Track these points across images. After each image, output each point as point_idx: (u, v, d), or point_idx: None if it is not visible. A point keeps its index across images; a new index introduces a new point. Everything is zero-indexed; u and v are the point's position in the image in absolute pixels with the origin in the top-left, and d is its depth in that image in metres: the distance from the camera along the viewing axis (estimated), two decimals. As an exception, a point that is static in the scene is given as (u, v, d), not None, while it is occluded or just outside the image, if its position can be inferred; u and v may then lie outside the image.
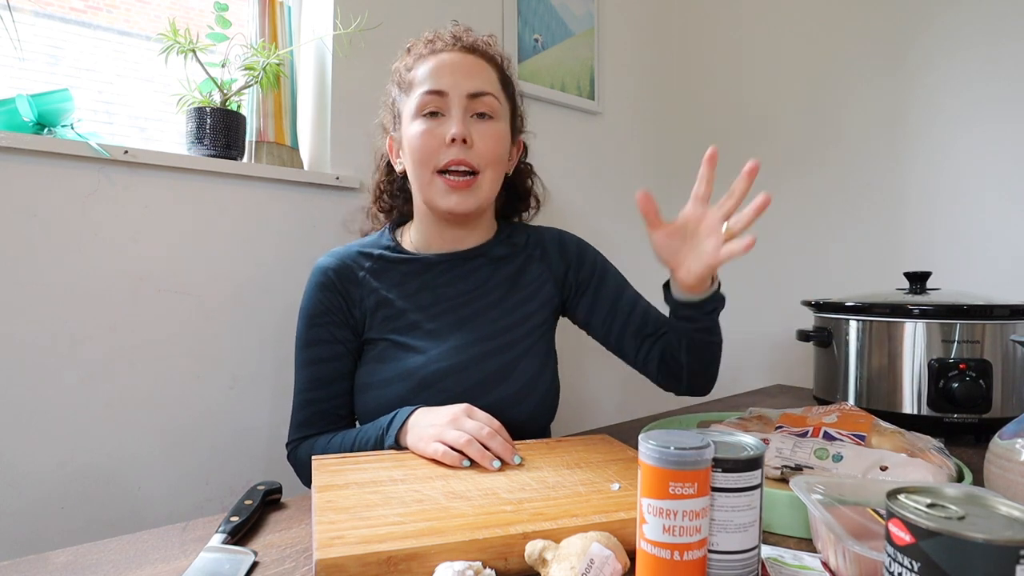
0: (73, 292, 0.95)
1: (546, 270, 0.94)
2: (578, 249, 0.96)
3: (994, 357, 0.95)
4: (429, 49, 0.87)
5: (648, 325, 0.91)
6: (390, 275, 0.89)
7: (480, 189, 0.84)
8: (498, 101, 0.86)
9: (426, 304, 0.87)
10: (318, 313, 0.87)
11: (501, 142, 0.85)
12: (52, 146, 0.91)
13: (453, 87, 0.82)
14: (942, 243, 1.39)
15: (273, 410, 1.14)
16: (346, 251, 0.91)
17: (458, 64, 0.84)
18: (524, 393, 0.86)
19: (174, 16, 1.10)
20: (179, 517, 0.99)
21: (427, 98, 0.82)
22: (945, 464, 0.65)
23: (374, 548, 0.47)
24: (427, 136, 0.82)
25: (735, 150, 1.77)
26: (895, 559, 0.36)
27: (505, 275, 0.91)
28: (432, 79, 0.83)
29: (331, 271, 0.88)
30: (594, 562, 0.46)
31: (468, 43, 0.87)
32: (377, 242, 0.92)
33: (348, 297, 0.87)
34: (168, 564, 0.53)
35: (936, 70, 1.40)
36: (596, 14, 1.71)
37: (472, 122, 0.83)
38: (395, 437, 0.76)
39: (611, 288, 0.94)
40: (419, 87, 0.84)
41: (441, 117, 0.83)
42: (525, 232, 0.97)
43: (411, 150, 0.84)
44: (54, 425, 0.93)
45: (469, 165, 0.82)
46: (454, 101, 0.82)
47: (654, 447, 0.42)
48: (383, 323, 0.87)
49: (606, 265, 0.96)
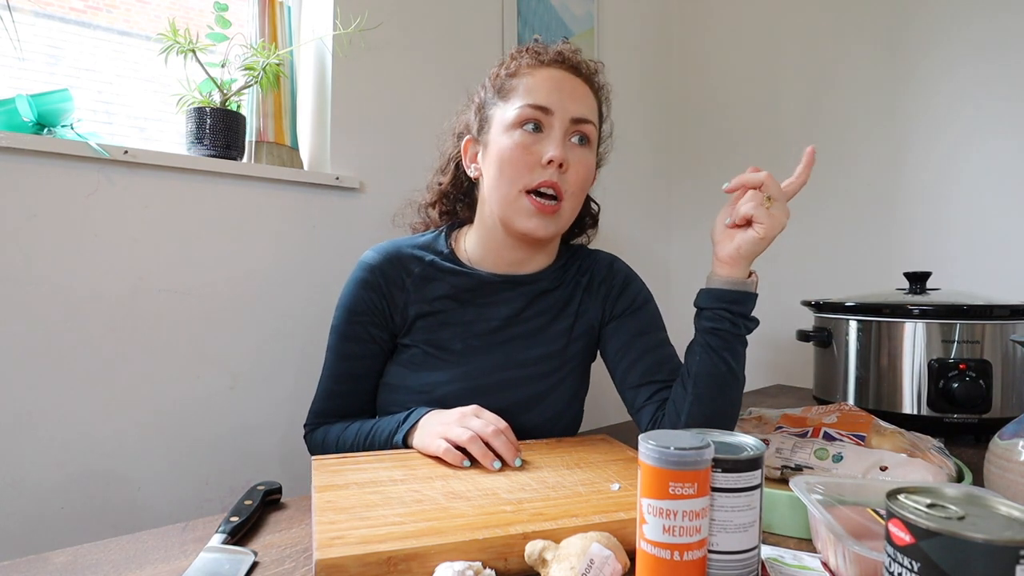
0: (73, 292, 0.95)
1: (589, 299, 0.90)
2: (624, 280, 0.91)
3: (994, 357, 0.95)
4: (535, 60, 0.83)
5: (660, 372, 0.83)
6: (437, 285, 0.85)
7: (562, 217, 0.81)
8: (596, 129, 0.84)
9: (467, 321, 0.85)
10: (358, 311, 0.85)
11: (590, 172, 0.83)
12: (52, 146, 0.91)
13: (560, 107, 0.78)
14: (942, 243, 1.39)
15: (273, 410, 1.14)
16: (396, 250, 0.87)
17: (566, 84, 0.81)
18: (548, 426, 0.85)
19: (174, 16, 1.10)
20: (179, 517, 0.99)
21: (530, 111, 0.78)
22: (945, 464, 0.65)
23: (374, 548, 0.47)
24: (523, 151, 0.78)
25: (735, 150, 1.78)
26: (895, 559, 0.36)
27: (550, 304, 0.88)
28: (539, 93, 0.79)
29: (378, 271, 0.85)
30: (594, 562, 0.46)
31: (575, 64, 0.83)
32: (431, 245, 0.88)
33: (391, 300, 0.85)
34: (168, 564, 0.53)
35: (935, 69, 1.40)
36: (596, 14, 1.71)
37: (569, 146, 0.80)
38: (404, 436, 0.77)
39: (639, 323, 0.88)
40: (523, 98, 0.79)
41: (539, 134, 0.79)
42: (579, 258, 0.93)
43: (501, 161, 0.79)
44: (54, 425, 0.93)
45: (558, 190, 0.78)
46: (557, 121, 0.78)
47: (654, 447, 0.42)
48: (420, 332, 0.85)
49: (647, 302, 0.90)
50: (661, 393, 0.81)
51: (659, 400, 0.80)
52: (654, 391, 0.81)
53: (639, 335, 0.86)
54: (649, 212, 1.89)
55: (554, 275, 0.89)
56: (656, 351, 0.85)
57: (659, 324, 0.89)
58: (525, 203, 0.78)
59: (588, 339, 0.90)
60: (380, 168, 1.27)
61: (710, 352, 0.72)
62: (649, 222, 1.88)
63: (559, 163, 0.77)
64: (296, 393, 1.14)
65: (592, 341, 0.91)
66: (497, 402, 0.79)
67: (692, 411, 0.73)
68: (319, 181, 1.18)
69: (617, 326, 0.88)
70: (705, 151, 1.86)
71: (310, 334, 1.16)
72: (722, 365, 0.72)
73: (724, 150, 1.80)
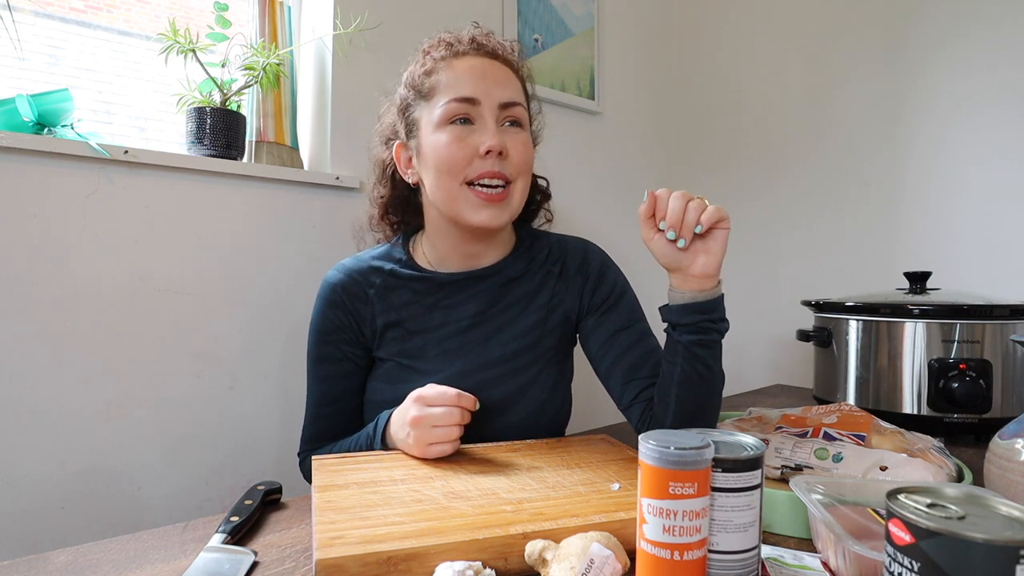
0: (73, 292, 0.95)
1: (564, 289, 0.88)
2: (600, 268, 0.89)
3: (994, 357, 0.95)
4: (450, 52, 0.81)
5: (644, 367, 0.81)
6: (400, 293, 0.85)
7: (512, 202, 0.80)
8: (526, 111, 0.82)
9: (435, 325, 0.84)
10: (327, 331, 0.85)
11: (531, 151, 0.82)
12: (52, 146, 0.91)
13: (485, 95, 0.77)
14: (942, 243, 1.39)
15: (274, 410, 1.14)
16: (356, 265, 0.87)
17: (487, 71, 0.79)
18: (532, 420, 0.84)
19: (174, 16, 1.10)
20: (179, 517, 0.99)
21: (456, 105, 0.77)
22: (945, 464, 0.65)
23: (374, 548, 0.47)
24: (457, 146, 0.76)
25: (736, 150, 1.78)
26: (895, 559, 0.36)
27: (519, 295, 0.86)
28: (461, 85, 0.77)
29: (340, 288, 0.85)
30: (594, 562, 0.46)
31: (491, 48, 0.82)
32: (389, 255, 0.88)
33: (357, 315, 0.85)
34: (168, 564, 0.53)
35: (938, 71, 1.40)
36: (596, 14, 1.71)
37: (504, 131, 0.78)
38: (382, 442, 0.77)
39: (620, 317, 0.86)
40: (445, 93, 0.78)
41: (471, 126, 0.77)
42: (547, 244, 0.91)
43: (437, 160, 0.77)
44: (54, 425, 0.93)
45: (503, 177, 0.77)
46: (486, 110, 0.77)
47: (654, 447, 0.42)
48: (391, 344, 0.85)
49: (625, 292, 0.88)
50: (648, 391, 0.79)
51: (646, 398, 0.79)
52: (641, 388, 0.80)
53: (620, 330, 0.84)
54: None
55: (517, 263, 0.87)
56: (639, 346, 0.83)
57: (639, 314, 0.87)
58: (470, 196, 0.77)
59: (564, 330, 0.88)
60: (380, 168, 1.26)
61: (695, 361, 0.70)
62: (649, 222, 1.88)
63: (498, 151, 0.76)
64: (296, 392, 1.14)
65: (569, 332, 0.89)
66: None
67: (676, 414, 0.72)
68: (319, 181, 1.18)
69: (597, 321, 0.86)
70: (705, 151, 1.86)
71: (310, 334, 1.16)
72: (706, 371, 0.71)
73: (725, 151, 1.80)
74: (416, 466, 0.69)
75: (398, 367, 0.84)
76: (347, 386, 0.86)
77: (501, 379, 0.83)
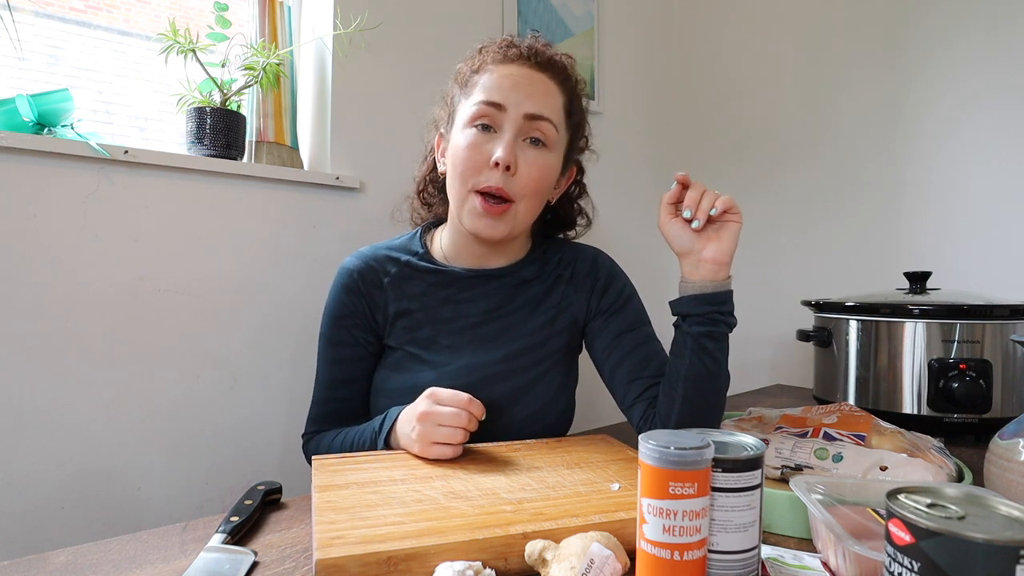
0: (73, 292, 0.95)
1: (572, 292, 0.89)
2: (609, 274, 0.91)
3: (994, 357, 0.95)
4: (501, 55, 0.81)
5: (648, 367, 0.82)
6: (414, 284, 0.86)
7: (512, 219, 0.79)
8: (556, 130, 0.80)
9: (446, 318, 0.85)
10: (342, 315, 0.86)
11: (546, 173, 0.80)
12: (52, 146, 0.91)
13: (513, 103, 0.77)
14: (942, 243, 1.39)
15: (274, 410, 1.14)
16: (373, 253, 0.88)
17: (525, 80, 0.78)
18: (536, 418, 0.85)
19: (174, 16, 1.10)
20: (179, 517, 0.99)
21: (483, 108, 0.77)
22: (945, 464, 0.65)
23: (374, 548, 0.47)
24: (473, 151, 0.77)
25: (736, 150, 1.78)
26: (895, 559, 0.36)
27: (529, 296, 0.88)
28: (494, 89, 0.78)
29: (356, 274, 0.86)
30: (594, 562, 0.46)
31: (543, 59, 0.81)
32: (406, 246, 0.89)
33: (371, 301, 0.86)
34: (168, 564, 0.53)
35: (938, 70, 1.40)
36: (596, 14, 1.71)
37: (522, 146, 0.78)
38: (386, 441, 0.77)
39: (626, 319, 0.87)
40: (479, 93, 0.78)
41: (492, 133, 0.78)
42: (560, 251, 0.92)
43: (453, 160, 0.80)
44: (54, 425, 0.93)
45: (506, 195, 0.77)
46: (510, 119, 0.77)
47: (654, 447, 0.42)
48: (402, 332, 0.86)
49: (632, 297, 0.90)
50: (651, 390, 0.80)
51: (649, 398, 0.80)
52: (644, 388, 0.81)
53: (626, 332, 0.86)
54: (648, 212, 1.88)
55: (531, 266, 0.89)
56: (643, 347, 0.85)
57: (644, 319, 0.89)
58: (474, 203, 0.78)
59: (572, 332, 0.89)
60: (380, 168, 1.26)
61: (703, 354, 0.72)
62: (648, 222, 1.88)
63: (506, 165, 0.76)
64: (296, 393, 1.14)
65: (576, 334, 0.91)
66: (483, 397, 0.79)
67: (682, 411, 0.73)
68: (319, 181, 1.18)
69: (603, 323, 0.88)
70: (705, 151, 1.86)
71: (310, 334, 1.14)
72: (714, 365, 0.72)
73: (725, 151, 1.80)
74: (416, 466, 0.69)
75: (407, 356, 0.85)
76: (357, 371, 0.87)
77: (507, 375, 0.84)
